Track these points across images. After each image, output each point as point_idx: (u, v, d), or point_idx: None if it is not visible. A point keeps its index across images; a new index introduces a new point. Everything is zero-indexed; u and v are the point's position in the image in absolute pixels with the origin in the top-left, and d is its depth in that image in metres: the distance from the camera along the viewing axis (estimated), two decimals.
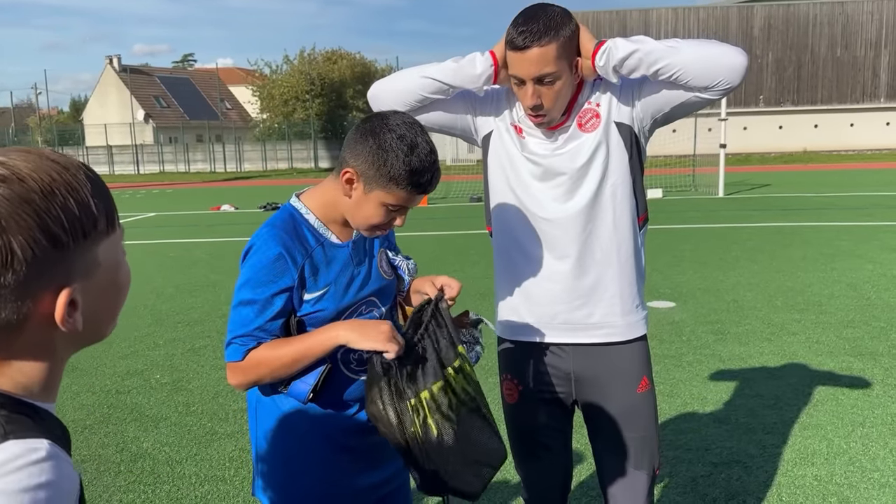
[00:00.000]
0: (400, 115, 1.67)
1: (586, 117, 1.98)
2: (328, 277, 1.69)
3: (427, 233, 12.53)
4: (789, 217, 13.11)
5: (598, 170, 1.96)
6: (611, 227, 1.99)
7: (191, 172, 42.16)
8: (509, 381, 2.21)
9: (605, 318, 2.04)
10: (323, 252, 1.69)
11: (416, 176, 1.59)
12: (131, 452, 3.95)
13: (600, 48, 1.85)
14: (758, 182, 21.77)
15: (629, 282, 2.05)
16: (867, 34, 38.66)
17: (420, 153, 1.59)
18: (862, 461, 3.60)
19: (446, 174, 27.06)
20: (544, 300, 2.06)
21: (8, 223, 0.74)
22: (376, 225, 1.67)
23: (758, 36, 38.99)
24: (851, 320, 6.08)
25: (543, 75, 1.84)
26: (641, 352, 2.12)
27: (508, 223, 2.08)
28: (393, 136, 1.59)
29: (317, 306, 1.67)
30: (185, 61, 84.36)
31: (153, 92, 55.28)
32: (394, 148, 1.57)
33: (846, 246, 9.71)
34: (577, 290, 2.03)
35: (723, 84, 1.83)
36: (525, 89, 1.88)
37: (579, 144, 1.97)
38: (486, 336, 2.12)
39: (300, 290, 1.65)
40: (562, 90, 1.88)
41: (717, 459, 3.64)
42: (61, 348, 0.85)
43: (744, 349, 5.41)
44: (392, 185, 1.59)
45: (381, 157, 1.58)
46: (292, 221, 1.69)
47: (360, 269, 1.76)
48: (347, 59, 48.62)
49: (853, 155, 36.28)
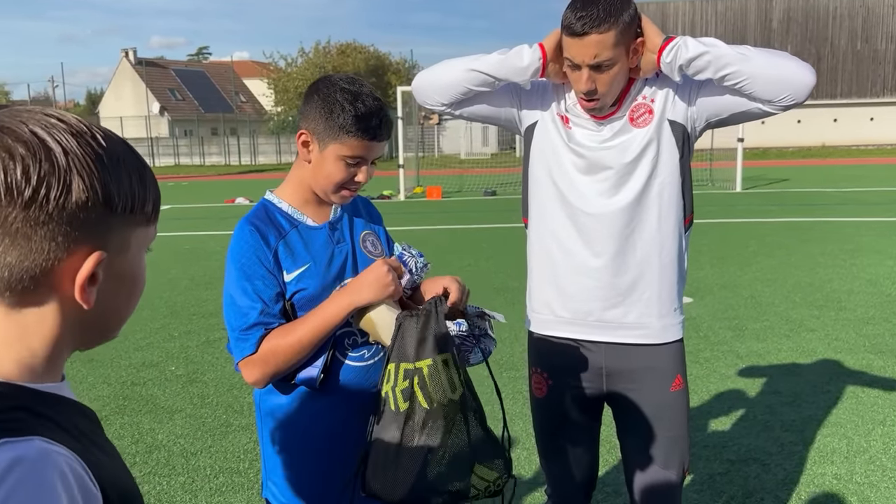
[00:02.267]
0: (341, 73, 1.73)
1: (639, 112, 1.93)
2: (306, 256, 1.70)
3: (441, 226, 12.50)
4: (808, 212, 12.97)
5: (647, 167, 1.92)
6: (655, 227, 1.95)
7: (206, 165, 42.34)
8: (538, 375, 2.16)
9: (640, 319, 2.00)
10: (298, 234, 1.71)
11: (364, 121, 1.61)
12: (146, 444, 3.96)
13: (668, 44, 1.81)
14: (776, 177, 21.56)
15: (669, 284, 2.00)
16: (888, 27, 38.15)
17: (365, 100, 1.62)
18: (882, 460, 3.55)
19: (460, 167, 27.00)
20: (580, 296, 2.01)
21: (75, 163, 0.76)
22: (340, 183, 1.67)
23: (776, 28, 38.58)
24: (871, 317, 6.00)
25: (601, 62, 1.80)
26: (677, 351, 2.07)
27: (547, 215, 2.04)
28: (335, 88, 1.63)
29: (300, 284, 1.67)
30: (200, 54, 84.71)
31: (168, 85, 55.54)
32: (338, 99, 1.61)
33: (866, 241, 9.59)
34: (615, 289, 1.98)
35: (787, 100, 1.80)
36: (580, 74, 1.83)
37: (629, 139, 1.93)
38: (502, 329, 2.08)
39: (279, 272, 1.66)
40: (617, 76, 1.84)
41: (735, 457, 3.60)
42: (69, 330, 0.83)
43: (762, 346, 5.35)
44: (343, 134, 1.62)
45: (327, 109, 1.62)
46: (264, 211, 1.73)
47: (341, 247, 1.76)
48: (361, 52, 48.63)
49: (873, 149, 35.83)
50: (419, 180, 20.97)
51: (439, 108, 2.05)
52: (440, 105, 2.05)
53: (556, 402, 2.13)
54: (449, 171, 24.47)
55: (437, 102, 2.04)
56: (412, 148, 22.61)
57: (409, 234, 11.70)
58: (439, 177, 22.12)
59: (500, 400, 1.78)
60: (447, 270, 8.09)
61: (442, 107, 2.05)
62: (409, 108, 20.86)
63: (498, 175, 19.72)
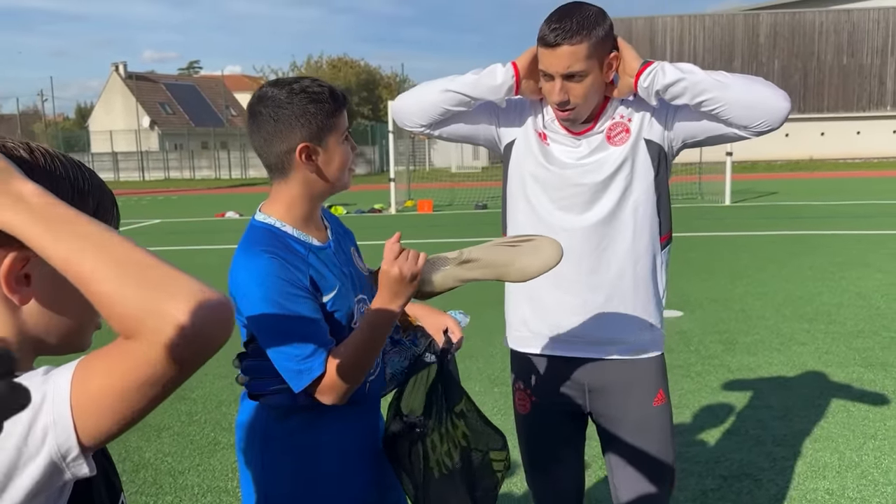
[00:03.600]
0: (264, 86, 1.68)
1: (616, 131, 1.96)
2: (334, 276, 1.66)
3: (432, 240, 12.49)
4: (797, 225, 13.04)
5: (621, 185, 1.94)
6: (629, 243, 1.97)
7: (196, 179, 42.25)
8: (521, 392, 2.18)
9: (616, 335, 2.02)
10: (316, 257, 1.65)
11: (333, 95, 1.64)
12: (133, 462, 3.91)
13: (646, 69, 1.83)
14: (765, 190, 21.69)
15: (644, 300, 2.02)
16: (873, 42, 38.58)
17: (310, 83, 1.63)
18: (874, 474, 3.54)
19: (451, 181, 27.02)
20: (556, 312, 2.04)
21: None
22: (349, 161, 1.70)
23: (763, 43, 38.95)
24: (861, 330, 6.02)
25: (572, 73, 1.84)
26: (658, 365, 2.09)
27: (523, 232, 2.04)
28: (284, 93, 1.60)
29: (334, 307, 1.63)
30: (190, 68, 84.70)
31: (159, 98, 55.48)
32: (311, 97, 1.60)
33: (854, 255, 9.64)
34: (590, 304, 2.00)
35: (763, 126, 1.83)
36: (553, 84, 1.88)
37: (605, 157, 1.95)
38: (493, 345, 2.10)
39: (318, 294, 1.60)
40: (590, 88, 1.88)
41: (727, 472, 3.59)
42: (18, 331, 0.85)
43: (753, 359, 5.35)
44: (332, 119, 1.63)
45: (302, 110, 1.59)
46: (272, 236, 1.62)
47: (348, 265, 1.75)
48: (353, 66, 48.81)
49: (860, 163, 36.14)
50: (410, 194, 20.96)
51: (418, 129, 2.08)
52: (419, 126, 2.07)
53: (539, 418, 2.15)
54: (440, 184, 24.48)
55: (416, 124, 2.07)
56: (403, 161, 22.66)
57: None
58: (430, 190, 22.13)
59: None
60: None
61: (421, 128, 2.07)
62: None
63: (489, 188, 19.74)
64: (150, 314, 0.71)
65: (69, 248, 0.73)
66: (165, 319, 0.71)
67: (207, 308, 0.72)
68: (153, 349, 0.72)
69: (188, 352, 0.73)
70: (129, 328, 0.72)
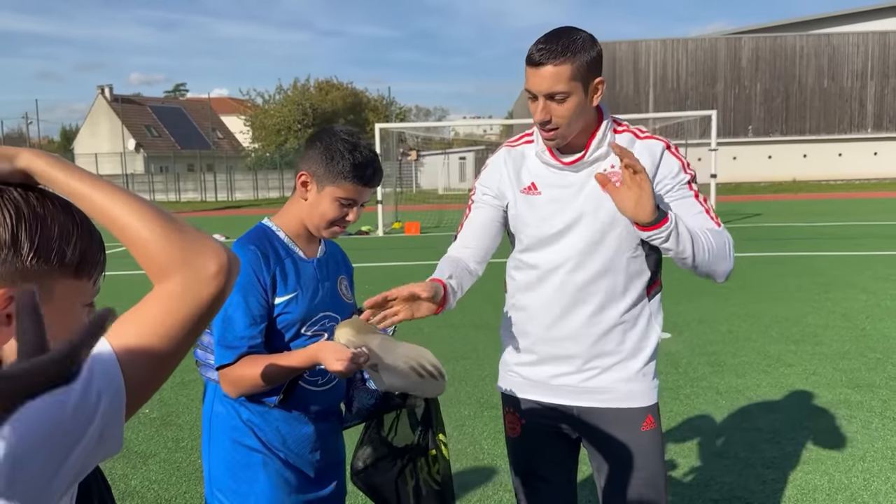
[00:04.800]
0: (343, 125, 1.99)
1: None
2: (297, 284, 1.89)
3: (420, 262, 12.48)
4: (781, 247, 13.15)
5: (613, 243, 1.98)
6: (620, 294, 2.00)
7: (182, 201, 42.09)
8: (511, 415, 2.18)
9: (606, 384, 2.04)
10: (293, 263, 1.90)
11: (361, 169, 1.85)
12: (119, 490, 3.85)
13: (663, 225, 1.82)
14: (749, 211, 21.88)
15: (632, 349, 2.05)
16: (853, 65, 39.24)
17: (362, 150, 1.86)
18: (864, 496, 3.54)
19: (439, 202, 27.00)
20: (547, 360, 2.07)
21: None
22: (332, 220, 1.89)
23: (746, 67, 39.51)
24: (847, 351, 6.06)
25: (554, 92, 1.86)
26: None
27: (518, 281, 2.11)
28: (336, 138, 1.87)
29: (286, 309, 1.86)
30: (177, 90, 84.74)
31: (144, 121, 55.37)
32: (339, 148, 1.85)
33: (838, 275, 9.72)
34: (580, 356, 2.03)
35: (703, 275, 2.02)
36: (536, 104, 1.91)
37: (598, 201, 1.96)
38: (484, 367, 2.13)
39: (272, 293, 1.84)
40: (574, 110, 1.89)
41: (718, 496, 3.58)
42: None
43: (741, 381, 5.37)
44: (340, 179, 1.84)
45: (328, 156, 1.85)
46: (264, 234, 1.91)
47: (325, 284, 1.96)
48: (340, 89, 48.95)
49: (842, 184, 36.59)
50: (398, 216, 20.99)
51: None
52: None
53: (529, 441, 2.15)
54: (427, 206, 24.54)
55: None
56: (390, 183, 22.66)
57: (388, 270, 11.67)
58: (418, 212, 22.16)
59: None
60: None
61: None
62: (387, 144, 20.97)
63: None
64: (191, 261, 0.87)
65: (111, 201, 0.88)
66: (204, 266, 0.87)
67: (229, 260, 0.90)
68: (195, 285, 0.86)
69: (218, 287, 0.88)
70: (167, 270, 0.86)
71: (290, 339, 1.89)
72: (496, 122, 51.69)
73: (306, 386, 1.93)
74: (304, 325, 1.90)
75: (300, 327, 1.89)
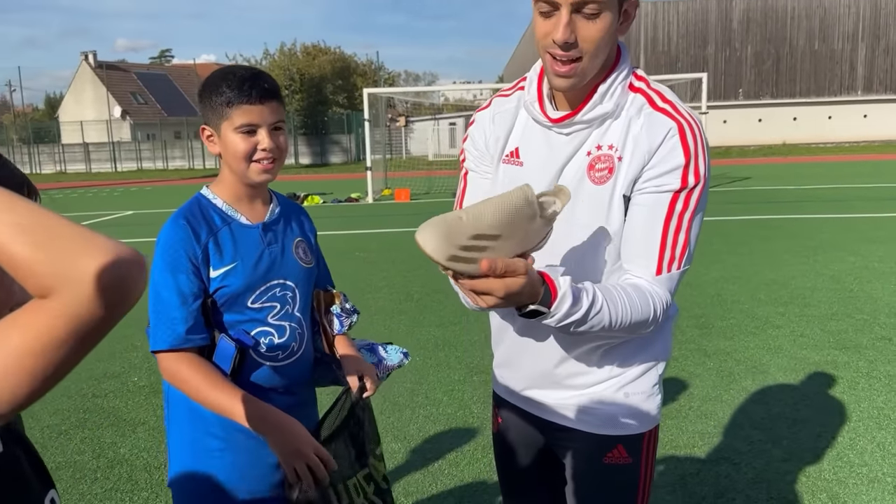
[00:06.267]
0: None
1: (602, 165, 1.50)
2: (235, 254, 1.74)
3: (410, 228, 12.45)
4: (770, 210, 13.17)
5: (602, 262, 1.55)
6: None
7: (169, 169, 41.76)
8: (495, 408, 1.93)
9: (579, 401, 1.68)
10: (230, 231, 1.75)
11: (236, 89, 1.67)
12: (108, 458, 3.85)
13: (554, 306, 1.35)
14: (738, 175, 21.88)
15: (608, 372, 1.65)
16: (844, 27, 39.00)
17: (236, 72, 1.70)
18: (850, 456, 3.58)
19: (429, 169, 26.83)
20: (517, 367, 1.76)
21: None
22: (246, 155, 1.71)
23: (736, 29, 39.21)
24: (835, 313, 6.09)
25: (585, 1, 1.34)
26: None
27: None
28: (211, 77, 1.73)
29: (224, 281, 1.72)
30: (162, 57, 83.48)
31: (130, 88, 54.63)
32: (214, 83, 1.70)
33: (827, 238, 9.76)
34: (556, 372, 1.68)
35: None
36: (557, 18, 1.37)
37: (593, 198, 1.52)
38: (473, 332, 2.06)
39: (206, 268, 1.71)
40: (607, 32, 1.39)
41: (705, 456, 3.61)
42: None
43: (729, 343, 5.40)
44: (226, 108, 1.68)
45: (208, 96, 1.71)
46: (198, 206, 1.78)
47: (272, 248, 1.80)
48: (327, 53, 48.35)
49: (831, 147, 36.62)
50: (387, 182, 20.88)
51: None
52: None
53: (506, 440, 1.89)
54: (417, 172, 24.40)
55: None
56: (380, 150, 22.51)
57: (379, 237, 11.63)
58: (408, 179, 22.05)
59: None
60: (418, 273, 7.99)
61: None
62: (376, 111, 20.77)
63: None
64: (68, 270, 0.73)
65: None
66: (84, 273, 0.73)
67: (121, 262, 0.76)
68: (73, 302, 0.73)
69: (107, 302, 0.75)
70: (46, 287, 0.73)
71: (236, 313, 1.74)
72: (486, 86, 51.17)
73: (264, 362, 1.77)
74: (251, 296, 1.74)
75: (245, 299, 1.73)
